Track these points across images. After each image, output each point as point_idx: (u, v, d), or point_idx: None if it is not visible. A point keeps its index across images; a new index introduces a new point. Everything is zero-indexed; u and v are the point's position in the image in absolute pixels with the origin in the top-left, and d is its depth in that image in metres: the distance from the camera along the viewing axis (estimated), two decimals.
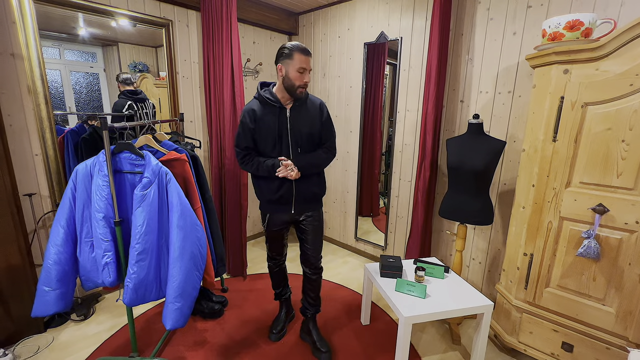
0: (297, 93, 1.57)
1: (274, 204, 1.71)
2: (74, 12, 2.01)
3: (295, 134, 1.63)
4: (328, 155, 1.73)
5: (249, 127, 1.61)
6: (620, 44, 1.31)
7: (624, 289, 1.43)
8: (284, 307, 2.06)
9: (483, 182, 1.85)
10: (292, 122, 1.62)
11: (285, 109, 1.62)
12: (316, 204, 1.78)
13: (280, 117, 1.61)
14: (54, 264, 1.50)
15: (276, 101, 1.60)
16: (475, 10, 2.08)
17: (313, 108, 1.67)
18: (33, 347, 1.84)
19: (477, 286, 2.34)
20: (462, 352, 1.88)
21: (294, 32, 3.26)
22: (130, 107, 2.29)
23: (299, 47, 1.52)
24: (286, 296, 2.06)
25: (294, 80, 1.54)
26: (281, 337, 1.96)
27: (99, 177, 1.50)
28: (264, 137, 1.62)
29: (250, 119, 1.61)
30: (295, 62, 1.51)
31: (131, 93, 2.33)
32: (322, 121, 1.69)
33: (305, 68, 1.53)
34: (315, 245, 1.81)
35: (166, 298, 1.53)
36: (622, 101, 1.34)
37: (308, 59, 1.54)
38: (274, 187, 1.66)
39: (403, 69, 2.49)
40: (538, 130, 1.58)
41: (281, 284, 2.02)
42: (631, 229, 1.39)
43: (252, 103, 1.65)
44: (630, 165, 1.35)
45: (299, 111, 1.64)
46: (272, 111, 1.61)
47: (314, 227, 1.78)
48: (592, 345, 1.54)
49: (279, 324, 2.00)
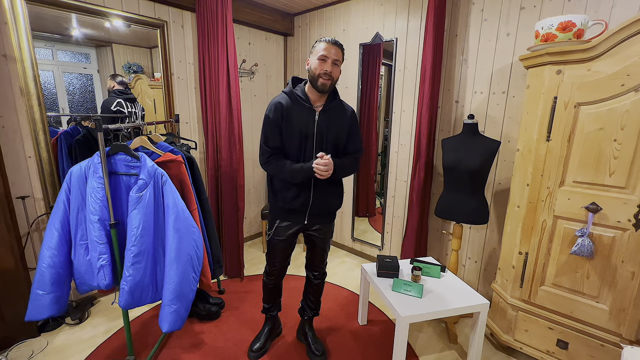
0: (318, 85, 1.45)
1: (287, 212, 1.62)
2: (67, 12, 1.99)
3: (321, 139, 1.53)
4: (354, 163, 1.64)
5: (277, 122, 1.50)
6: (612, 44, 1.33)
7: (617, 286, 1.45)
8: (269, 324, 1.91)
9: (478, 181, 1.87)
10: (320, 125, 1.52)
11: (315, 111, 1.52)
12: (330, 217, 1.70)
13: (308, 119, 1.51)
14: (48, 267, 1.48)
15: (307, 100, 1.51)
16: (469, 11, 2.10)
17: (343, 114, 1.58)
18: (27, 352, 1.81)
19: (473, 285, 2.36)
20: (458, 351, 1.89)
21: (290, 33, 3.26)
22: (119, 105, 2.25)
23: (324, 38, 1.46)
24: (274, 313, 1.90)
25: (314, 69, 1.45)
26: (261, 355, 1.80)
27: (94, 179, 1.49)
28: (290, 136, 1.51)
29: (278, 114, 1.49)
30: (317, 50, 1.46)
31: (121, 92, 2.29)
32: (350, 131, 1.60)
33: (327, 56, 1.42)
34: (323, 254, 1.78)
35: (163, 300, 1.52)
36: (613, 101, 1.36)
37: (331, 47, 1.43)
38: (290, 194, 1.57)
39: (398, 70, 2.50)
40: (532, 130, 1.59)
41: (273, 299, 1.86)
42: (623, 227, 1.41)
43: (280, 97, 1.54)
44: (622, 164, 1.37)
45: (328, 115, 1.53)
46: (301, 110, 1.51)
47: (323, 241, 1.72)
48: (587, 342, 1.56)
49: (258, 341, 1.83)
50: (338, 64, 1.47)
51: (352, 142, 1.63)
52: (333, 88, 1.53)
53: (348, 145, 1.62)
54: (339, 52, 1.46)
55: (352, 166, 1.62)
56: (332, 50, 1.44)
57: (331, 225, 1.75)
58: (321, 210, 1.62)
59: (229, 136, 2.44)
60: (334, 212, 1.72)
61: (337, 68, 1.48)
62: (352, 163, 1.62)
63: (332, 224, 1.75)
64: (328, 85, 1.46)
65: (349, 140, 1.61)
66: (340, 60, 1.48)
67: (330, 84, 1.47)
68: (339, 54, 1.46)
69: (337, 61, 1.46)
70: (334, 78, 1.48)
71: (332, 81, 1.47)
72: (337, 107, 1.57)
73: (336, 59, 1.45)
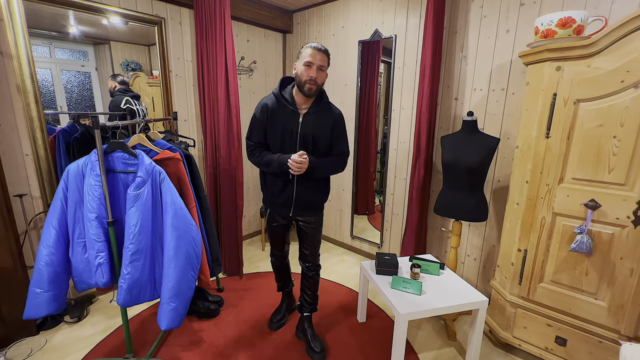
0: (305, 90, 1.53)
1: (274, 204, 1.75)
2: (64, 9, 1.98)
3: (304, 141, 1.60)
4: (338, 164, 1.70)
5: (263, 122, 1.62)
6: (612, 41, 1.32)
7: (615, 283, 1.46)
8: (286, 299, 2.11)
9: (478, 179, 1.86)
10: (303, 128, 1.59)
11: (299, 114, 1.59)
12: (316, 210, 1.77)
13: (292, 121, 1.59)
14: (45, 266, 1.47)
15: (292, 103, 1.59)
16: (468, 8, 2.09)
17: (327, 118, 1.63)
18: (25, 350, 1.81)
19: (472, 282, 2.36)
20: (457, 348, 1.90)
21: (288, 30, 3.24)
22: (128, 103, 2.26)
23: (310, 44, 1.53)
24: (288, 289, 2.11)
25: (301, 74, 1.52)
26: (281, 326, 2.03)
27: (91, 176, 1.48)
28: (273, 135, 1.62)
29: (264, 114, 1.61)
30: (303, 55, 1.52)
31: (126, 90, 2.31)
32: (332, 133, 1.65)
33: (312, 62, 1.49)
34: (314, 245, 1.83)
35: (161, 298, 1.51)
36: (613, 98, 1.36)
37: (317, 53, 1.50)
38: (276, 188, 1.68)
39: (397, 67, 2.49)
40: (531, 127, 1.59)
41: (283, 278, 2.05)
42: (622, 224, 1.40)
43: (268, 98, 1.64)
44: (621, 161, 1.37)
45: (313, 118, 1.60)
46: (286, 112, 1.59)
47: (313, 230, 1.79)
48: (585, 339, 1.56)
49: (279, 314, 2.07)
50: (323, 69, 1.54)
51: (337, 144, 1.69)
52: (319, 92, 1.60)
53: (332, 148, 1.69)
54: (324, 58, 1.52)
55: (335, 166, 1.69)
56: (318, 56, 1.50)
57: (320, 218, 1.81)
58: (305, 204, 1.70)
59: (227, 134, 2.43)
60: (319, 206, 1.78)
61: (322, 73, 1.54)
62: (336, 163, 1.69)
63: (320, 217, 1.82)
64: (314, 89, 1.53)
65: (333, 142, 1.68)
66: (326, 66, 1.55)
67: (315, 89, 1.54)
68: (324, 60, 1.52)
69: (322, 67, 1.52)
70: (319, 83, 1.54)
71: (317, 86, 1.54)
72: (322, 110, 1.63)
73: (321, 65, 1.51)
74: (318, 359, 1.77)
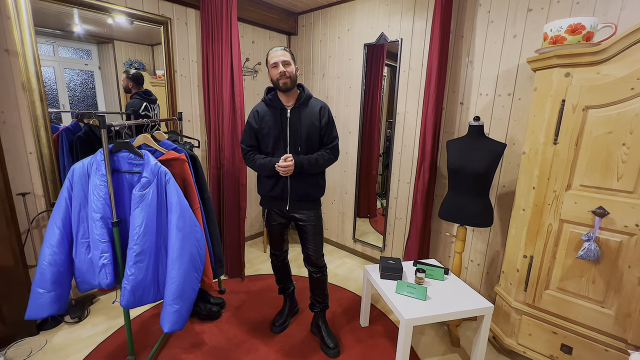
0: (281, 86, 1.63)
1: (271, 200, 1.80)
2: (70, 8, 1.97)
3: (294, 135, 1.68)
4: (329, 157, 1.75)
5: (252, 127, 1.74)
6: (622, 48, 1.32)
7: (623, 292, 1.44)
8: (288, 302, 2.12)
9: (483, 184, 1.86)
10: (291, 123, 1.68)
11: (286, 110, 1.69)
12: (312, 203, 1.80)
13: (281, 118, 1.68)
14: (48, 265, 1.46)
15: (276, 103, 1.69)
16: (475, 12, 2.08)
17: (313, 111, 1.71)
18: (26, 350, 1.79)
19: (475, 288, 2.35)
20: (461, 354, 1.88)
21: (294, 32, 3.24)
22: (146, 109, 2.29)
23: (270, 50, 1.66)
24: (289, 291, 2.11)
25: (273, 76, 1.64)
26: (283, 330, 2.03)
27: (97, 176, 1.47)
28: (265, 137, 1.72)
29: (254, 120, 1.73)
30: (268, 61, 1.65)
31: (146, 94, 2.36)
32: (321, 124, 1.72)
33: (276, 62, 1.60)
34: (316, 244, 1.83)
35: (164, 300, 1.50)
36: (623, 105, 1.35)
37: (275, 52, 1.62)
38: (270, 183, 1.75)
39: (403, 71, 2.49)
40: (539, 132, 1.58)
41: (283, 279, 2.07)
42: (631, 232, 1.40)
43: (258, 105, 1.76)
44: (630, 168, 1.36)
45: (299, 112, 1.69)
46: (274, 113, 1.70)
47: (313, 227, 1.81)
48: (591, 347, 1.55)
49: (281, 317, 2.07)
50: (289, 62, 1.62)
51: (327, 133, 1.76)
52: (296, 84, 1.69)
53: (323, 138, 1.75)
54: (285, 53, 1.62)
55: (326, 160, 1.74)
56: (278, 53, 1.62)
57: (318, 215, 1.83)
58: (300, 197, 1.75)
59: (231, 135, 2.42)
60: (314, 200, 1.81)
61: (289, 65, 1.62)
62: (328, 155, 1.75)
63: (318, 213, 1.84)
64: (289, 83, 1.63)
65: (323, 131, 1.74)
66: (289, 60, 1.63)
67: (290, 81, 1.63)
68: (286, 55, 1.62)
69: (286, 61, 1.61)
70: (290, 75, 1.62)
71: (290, 79, 1.62)
72: (306, 102, 1.72)
73: (284, 60, 1.61)
74: (332, 354, 1.82)
